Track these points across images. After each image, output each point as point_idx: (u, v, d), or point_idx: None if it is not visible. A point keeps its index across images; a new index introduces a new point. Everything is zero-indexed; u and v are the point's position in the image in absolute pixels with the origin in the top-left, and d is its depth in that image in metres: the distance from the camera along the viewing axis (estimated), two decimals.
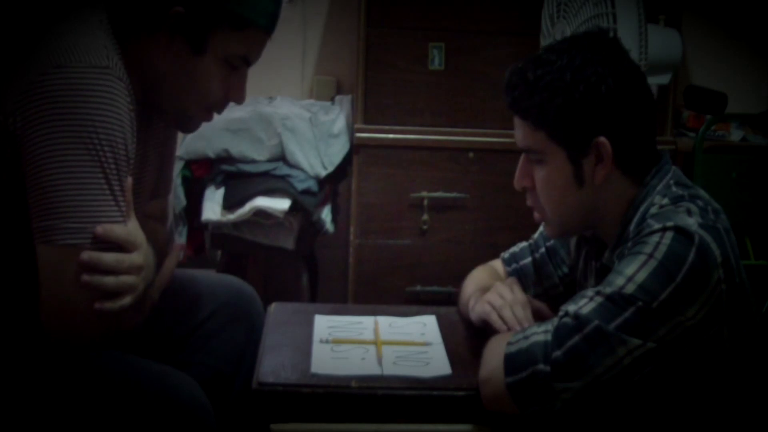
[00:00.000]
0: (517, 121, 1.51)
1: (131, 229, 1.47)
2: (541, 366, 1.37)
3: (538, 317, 1.62)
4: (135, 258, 1.47)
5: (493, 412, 1.46)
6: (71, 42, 1.44)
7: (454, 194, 2.87)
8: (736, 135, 3.18)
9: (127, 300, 1.46)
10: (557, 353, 1.36)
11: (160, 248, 1.66)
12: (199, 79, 1.54)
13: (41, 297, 1.43)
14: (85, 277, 1.41)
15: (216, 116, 1.64)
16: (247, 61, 1.59)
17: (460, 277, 1.86)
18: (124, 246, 1.45)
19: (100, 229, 1.42)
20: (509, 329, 1.54)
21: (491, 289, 1.65)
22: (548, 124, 1.46)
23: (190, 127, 1.65)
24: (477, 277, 1.81)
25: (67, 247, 1.41)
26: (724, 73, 3.37)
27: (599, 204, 1.50)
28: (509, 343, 1.42)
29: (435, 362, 1.58)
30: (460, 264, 2.78)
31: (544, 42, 2.58)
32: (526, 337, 1.41)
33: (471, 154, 2.86)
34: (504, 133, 2.85)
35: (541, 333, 1.39)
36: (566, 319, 1.38)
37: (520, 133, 1.51)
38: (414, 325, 1.76)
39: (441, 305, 1.96)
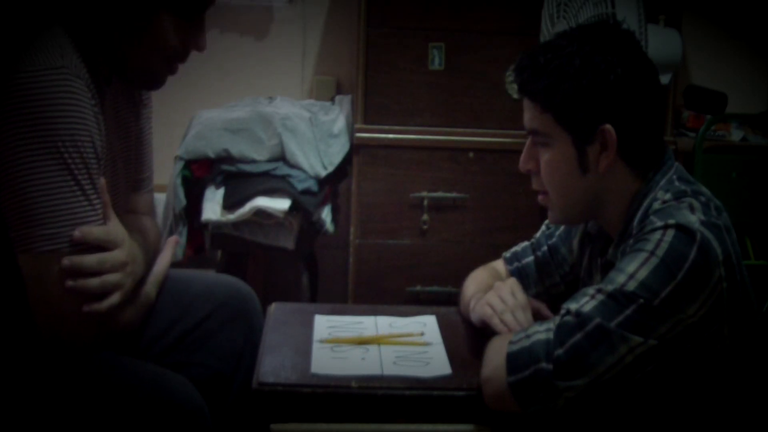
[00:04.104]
0: (525, 103, 1.52)
1: (110, 227, 1.47)
2: (543, 364, 1.37)
3: (538, 318, 1.62)
4: (117, 255, 1.46)
5: (494, 411, 1.45)
6: (25, 44, 1.43)
7: (454, 194, 2.86)
8: (736, 135, 3.18)
9: (115, 298, 1.46)
10: (559, 351, 1.36)
11: (151, 243, 1.65)
12: (154, 32, 1.52)
13: (30, 305, 1.43)
14: (69, 282, 1.41)
15: (215, 116, 1.64)
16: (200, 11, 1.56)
17: (460, 277, 1.86)
18: (105, 245, 1.45)
19: (77, 232, 1.41)
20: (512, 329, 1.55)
21: (492, 290, 1.65)
22: (555, 107, 1.47)
23: (155, 82, 1.62)
24: (478, 278, 1.81)
25: (45, 254, 1.41)
26: (724, 73, 3.37)
27: (602, 194, 1.51)
28: (511, 342, 1.42)
29: (435, 362, 1.58)
30: (460, 264, 2.78)
31: None
32: (527, 336, 1.41)
33: (471, 154, 2.86)
34: (504, 133, 2.86)
35: (543, 331, 1.40)
36: (568, 317, 1.38)
37: (528, 115, 1.52)
38: (414, 325, 1.75)
39: (441, 305, 1.96)
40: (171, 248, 1.75)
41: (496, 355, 1.44)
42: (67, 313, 1.43)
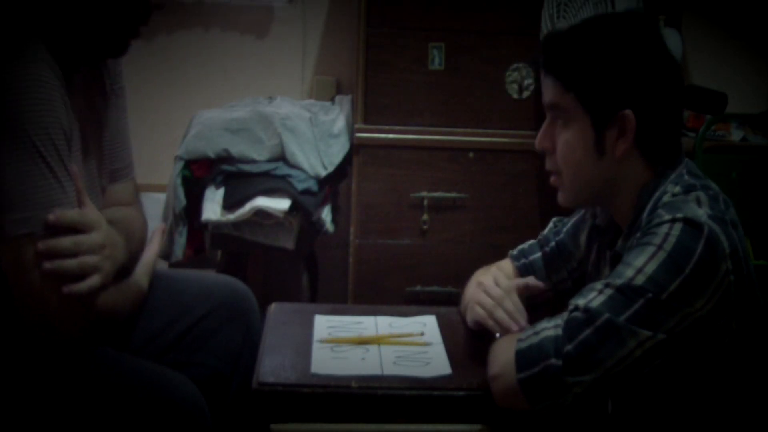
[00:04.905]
0: (548, 80, 1.53)
1: (85, 210, 1.47)
2: (552, 360, 1.37)
3: (528, 293, 1.65)
4: (94, 237, 1.46)
5: (495, 411, 1.46)
6: None
7: (454, 194, 2.87)
8: (736, 135, 3.17)
9: (94, 280, 1.45)
10: (568, 347, 1.37)
11: (136, 231, 1.65)
12: None
13: (14, 294, 1.43)
14: (47, 265, 1.41)
15: (215, 116, 1.64)
16: None
17: (460, 277, 1.86)
18: (80, 228, 1.44)
19: (51, 216, 1.41)
20: (506, 329, 1.55)
21: (477, 286, 1.66)
22: (579, 87, 1.48)
23: (121, 46, 1.59)
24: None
25: (19, 238, 1.40)
26: (724, 73, 3.37)
27: (614, 181, 1.51)
28: (519, 340, 1.42)
29: (435, 362, 1.58)
30: (460, 264, 2.80)
31: None
32: (536, 333, 1.41)
33: (471, 154, 2.86)
34: (504, 133, 2.86)
35: (551, 328, 1.40)
36: (576, 313, 1.39)
37: (549, 92, 1.53)
38: (414, 325, 1.76)
39: (441, 305, 1.96)
40: (159, 237, 1.74)
41: (503, 352, 1.44)
42: (48, 298, 1.43)
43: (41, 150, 1.41)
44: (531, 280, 1.67)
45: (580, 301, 1.40)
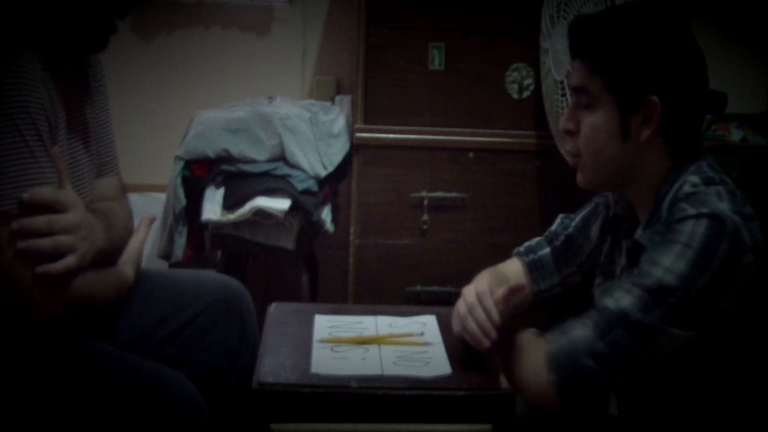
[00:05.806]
0: (575, 64, 1.53)
1: (62, 190, 1.45)
2: (586, 360, 1.38)
3: (513, 297, 1.62)
4: (69, 217, 1.44)
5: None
6: None
7: (454, 194, 2.86)
8: (736, 135, 3.17)
9: (70, 260, 1.43)
10: (601, 347, 1.38)
11: (118, 220, 1.64)
12: None
13: None
14: (20, 244, 1.39)
15: (215, 116, 1.64)
16: None
17: (460, 277, 1.86)
18: (55, 206, 1.43)
19: (26, 195, 1.40)
20: (477, 343, 1.55)
21: (461, 296, 1.66)
22: (606, 71, 1.48)
23: (99, 39, 1.59)
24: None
25: None
26: (724, 73, 3.37)
27: (635, 166, 1.52)
28: (548, 342, 1.43)
29: (435, 362, 1.58)
30: (460, 264, 2.80)
31: (544, 42, 2.59)
32: (564, 333, 1.42)
33: (471, 154, 2.86)
34: (504, 133, 2.86)
35: (580, 328, 1.41)
36: (606, 313, 1.40)
37: (576, 75, 1.53)
38: (414, 325, 1.76)
39: (441, 305, 1.96)
40: (146, 226, 1.74)
41: (530, 355, 1.45)
42: (22, 279, 1.42)
43: (21, 128, 1.40)
44: (513, 284, 1.63)
45: (609, 301, 1.41)
